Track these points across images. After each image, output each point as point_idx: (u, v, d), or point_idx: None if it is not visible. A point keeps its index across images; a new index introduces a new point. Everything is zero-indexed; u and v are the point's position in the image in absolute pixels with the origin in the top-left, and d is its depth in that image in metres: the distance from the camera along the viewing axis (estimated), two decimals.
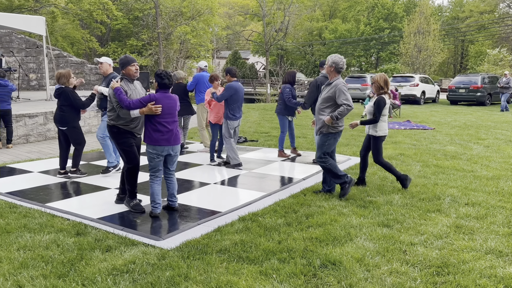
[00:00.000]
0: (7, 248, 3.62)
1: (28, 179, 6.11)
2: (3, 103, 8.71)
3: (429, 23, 27.87)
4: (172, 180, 4.62)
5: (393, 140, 9.71)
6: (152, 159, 4.41)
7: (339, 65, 5.07)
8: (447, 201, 5.02)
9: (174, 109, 4.42)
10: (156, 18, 31.85)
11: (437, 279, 3.12)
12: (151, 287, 2.96)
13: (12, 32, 18.59)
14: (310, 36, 56.03)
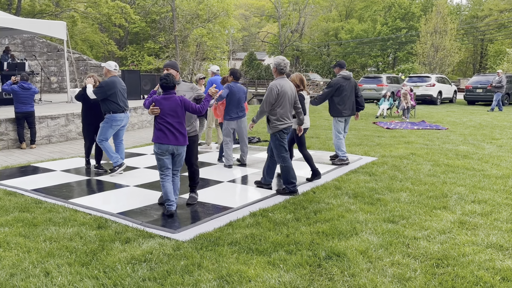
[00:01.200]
0: (34, 239, 3.91)
1: (51, 177, 6.44)
2: (26, 105, 9.12)
3: (446, 23, 27.64)
4: (174, 179, 4.83)
5: (406, 140, 9.79)
6: (158, 158, 4.64)
7: (280, 66, 5.43)
8: (454, 199, 5.14)
9: (176, 109, 4.56)
10: (173, 21, 32.37)
11: (436, 270, 3.27)
12: (167, 274, 3.20)
13: (34, 37, 19.25)
14: (326, 37, 55.96)
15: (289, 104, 5.47)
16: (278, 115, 5.39)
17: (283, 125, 5.42)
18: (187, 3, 33.08)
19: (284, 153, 5.48)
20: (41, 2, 29.59)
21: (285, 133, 5.49)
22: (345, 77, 7.27)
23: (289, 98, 5.46)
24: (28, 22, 13.25)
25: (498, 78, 17.86)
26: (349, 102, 7.29)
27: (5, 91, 9.40)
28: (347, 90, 7.22)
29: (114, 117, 6.43)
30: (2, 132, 9.07)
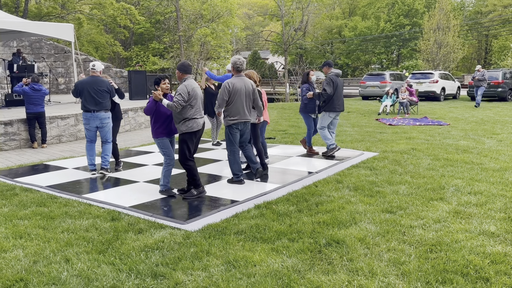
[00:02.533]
0: (53, 231, 4.17)
1: (64, 174, 6.72)
2: (37, 106, 9.41)
3: (449, 19, 27.68)
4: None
5: (407, 136, 9.98)
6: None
7: (236, 64, 5.91)
8: (450, 191, 5.35)
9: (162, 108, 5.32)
10: (177, 21, 32.66)
11: (429, 255, 3.49)
12: (178, 260, 3.44)
13: (41, 39, 19.58)
14: (330, 35, 56.03)
15: (242, 100, 5.85)
16: (229, 111, 5.84)
17: (233, 121, 5.85)
18: (191, 3, 33.35)
19: (232, 147, 5.94)
20: (47, 4, 29.99)
21: (235, 129, 5.90)
22: (337, 75, 7.77)
23: (243, 94, 5.86)
24: (37, 24, 13.55)
25: (480, 73, 18.04)
26: (341, 99, 7.78)
27: (17, 92, 9.70)
28: (339, 87, 7.67)
29: (83, 115, 6.69)
30: (14, 132, 9.37)
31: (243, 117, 5.90)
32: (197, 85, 5.32)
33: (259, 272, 3.23)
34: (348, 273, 3.22)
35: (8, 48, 18.77)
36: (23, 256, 3.59)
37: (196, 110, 5.20)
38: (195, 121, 5.20)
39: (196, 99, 5.19)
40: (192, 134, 5.22)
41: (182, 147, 5.21)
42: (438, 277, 3.13)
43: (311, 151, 8.21)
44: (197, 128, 5.23)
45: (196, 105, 5.20)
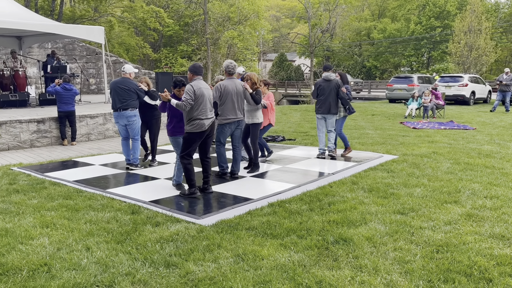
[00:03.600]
0: (76, 222, 4.44)
1: (90, 170, 7.06)
2: (68, 105, 9.86)
3: (480, 21, 26.99)
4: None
5: (430, 140, 9.89)
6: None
7: (228, 68, 6.27)
8: (466, 194, 5.33)
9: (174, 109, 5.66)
10: (205, 24, 33.18)
11: (435, 255, 3.54)
12: (191, 252, 3.63)
13: (74, 41, 20.36)
14: (358, 36, 55.50)
15: (233, 101, 6.20)
16: (222, 111, 6.19)
17: (225, 121, 6.22)
18: (218, 6, 33.83)
19: (218, 142, 6.46)
20: (80, 7, 31.09)
21: (227, 128, 6.32)
22: (325, 79, 7.80)
23: (235, 95, 6.21)
24: (70, 27, 14.15)
25: (507, 77, 16.88)
26: (326, 102, 7.74)
27: (49, 92, 10.20)
28: (325, 91, 7.70)
29: (113, 114, 7.19)
30: (46, 129, 9.85)
31: (234, 116, 6.27)
32: (206, 86, 5.43)
33: (266, 265, 3.37)
34: (352, 269, 3.32)
35: (43, 50, 19.61)
36: (48, 243, 3.86)
37: (201, 111, 5.27)
38: (199, 122, 5.26)
39: (202, 100, 5.28)
40: (195, 134, 5.29)
41: (184, 145, 5.38)
42: (440, 276, 3.18)
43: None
44: (201, 129, 5.28)
45: (202, 105, 5.27)
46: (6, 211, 4.83)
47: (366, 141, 9.84)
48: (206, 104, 5.33)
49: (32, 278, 3.19)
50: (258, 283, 3.09)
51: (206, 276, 3.20)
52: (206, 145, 5.59)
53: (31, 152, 9.00)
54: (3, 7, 12.53)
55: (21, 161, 7.88)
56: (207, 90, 5.42)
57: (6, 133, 9.19)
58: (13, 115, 10.13)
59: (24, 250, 3.70)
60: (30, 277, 3.22)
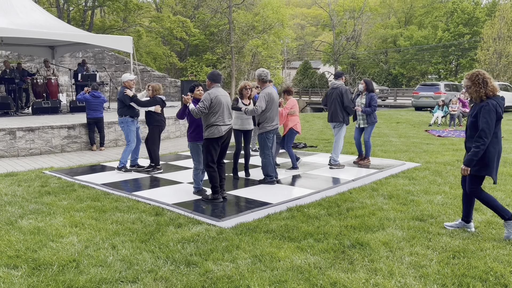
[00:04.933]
0: (103, 222, 4.66)
1: (117, 174, 7.33)
2: (96, 112, 10.24)
3: (510, 28, 26.40)
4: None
5: (454, 148, 9.76)
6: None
7: (261, 76, 6.37)
8: None
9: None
10: (230, 33, 33.68)
11: (451, 261, 3.56)
12: (210, 252, 3.77)
13: (104, 50, 21.08)
14: (384, 44, 54.98)
15: (276, 108, 6.49)
16: (267, 118, 6.36)
17: (271, 127, 6.44)
18: (243, 15, 34.31)
19: (266, 152, 6.49)
20: (110, 18, 32.14)
21: (270, 134, 6.47)
22: (332, 87, 7.76)
23: (276, 102, 6.49)
24: (100, 37, 14.70)
25: None
26: (330, 110, 7.71)
27: (79, 100, 10.64)
28: (330, 98, 7.68)
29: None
30: (76, 135, 10.26)
31: (277, 123, 6.49)
32: (224, 93, 5.57)
33: (282, 267, 3.47)
34: (367, 272, 3.39)
35: (74, 59, 20.40)
36: (76, 241, 4.08)
37: (219, 117, 5.39)
38: (217, 127, 5.38)
39: (220, 107, 5.41)
40: (213, 140, 5.40)
41: (205, 152, 5.53)
42: (455, 280, 3.21)
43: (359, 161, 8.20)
44: (218, 134, 5.38)
45: (219, 112, 5.38)
46: (38, 211, 5.11)
47: (389, 148, 9.80)
48: (223, 111, 5.46)
49: (62, 273, 3.40)
50: (274, 283, 3.20)
51: (224, 275, 3.33)
52: (224, 151, 5.67)
53: (62, 156, 9.40)
54: (38, 19, 13.17)
55: (52, 165, 8.25)
56: (225, 97, 5.55)
57: (39, 138, 9.63)
58: (45, 121, 10.59)
59: (55, 247, 3.93)
60: (60, 271, 3.43)
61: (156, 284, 3.21)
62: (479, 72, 4.12)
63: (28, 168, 7.96)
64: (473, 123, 4.13)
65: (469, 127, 4.23)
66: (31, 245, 3.98)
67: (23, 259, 3.67)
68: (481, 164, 4.05)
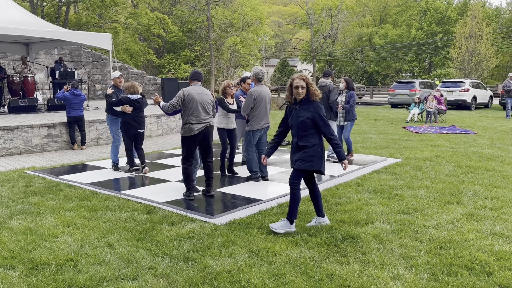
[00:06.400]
0: (96, 221, 4.66)
1: (103, 173, 7.28)
2: (77, 110, 10.10)
3: (481, 27, 27.27)
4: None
5: (432, 144, 10.09)
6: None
7: (258, 75, 6.49)
8: (468, 195, 5.53)
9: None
10: (208, 30, 33.54)
11: (439, 251, 3.75)
12: (207, 248, 3.84)
13: (80, 47, 20.67)
14: (360, 42, 55.89)
15: (265, 107, 6.51)
16: (254, 117, 6.43)
17: (258, 126, 6.51)
18: (222, 13, 34.21)
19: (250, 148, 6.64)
20: (85, 14, 31.48)
21: (257, 133, 6.55)
22: (320, 85, 7.99)
23: (266, 101, 6.53)
24: (78, 34, 14.45)
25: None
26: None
27: (58, 98, 10.46)
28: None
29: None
30: (56, 134, 10.09)
31: (266, 122, 6.55)
32: (201, 91, 5.50)
33: (279, 260, 3.58)
34: (360, 264, 3.53)
35: (49, 56, 19.93)
36: (71, 241, 4.07)
37: (192, 115, 5.38)
38: (190, 126, 5.38)
39: (193, 104, 5.38)
40: (188, 138, 5.44)
41: (182, 148, 5.64)
42: (444, 269, 3.39)
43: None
44: (191, 133, 5.39)
45: (192, 110, 5.37)
46: (26, 211, 5.05)
47: (370, 145, 10.05)
48: (197, 109, 5.40)
49: (61, 272, 3.40)
50: (273, 276, 3.30)
51: (224, 270, 3.41)
52: (207, 148, 5.65)
53: (43, 156, 9.23)
54: (13, 15, 12.83)
55: (34, 165, 8.11)
56: (201, 95, 5.48)
57: (18, 138, 9.43)
58: (24, 120, 10.37)
59: (50, 247, 3.91)
60: (59, 271, 3.43)
61: (157, 281, 3.26)
62: None
63: (9, 168, 7.81)
64: None
65: None
66: (25, 245, 3.95)
67: (19, 259, 3.64)
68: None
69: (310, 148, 4.19)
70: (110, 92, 7.35)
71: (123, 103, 7.06)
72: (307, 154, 4.19)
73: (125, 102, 7.05)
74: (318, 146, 4.23)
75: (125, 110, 7.02)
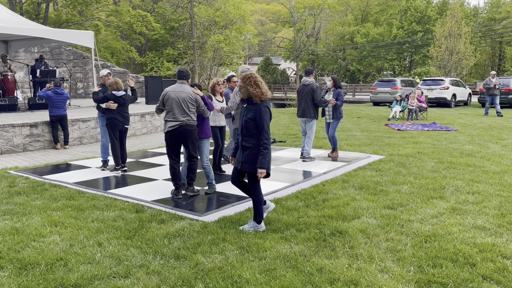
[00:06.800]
0: (84, 220, 4.63)
1: (88, 172, 7.21)
2: (60, 109, 9.96)
3: (460, 26, 27.85)
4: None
5: (414, 141, 10.30)
6: (208, 150, 5.70)
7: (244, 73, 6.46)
8: (450, 190, 5.69)
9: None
10: (192, 28, 33.36)
11: (424, 245, 3.86)
12: (198, 245, 3.87)
13: (61, 45, 20.34)
14: (342, 41, 56.37)
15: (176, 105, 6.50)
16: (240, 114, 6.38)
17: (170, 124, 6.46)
18: (205, 11, 34.07)
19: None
20: (65, 11, 30.94)
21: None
22: (303, 83, 8.04)
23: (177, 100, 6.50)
24: (60, 32, 14.21)
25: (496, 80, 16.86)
26: (301, 106, 7.97)
27: (41, 97, 10.29)
28: (301, 95, 7.97)
29: None
30: (39, 133, 9.93)
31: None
32: (180, 89, 5.48)
33: (270, 256, 3.63)
34: (349, 258, 3.61)
35: (29, 54, 19.55)
36: (60, 240, 4.04)
37: (168, 114, 5.47)
38: (166, 123, 5.48)
39: (169, 102, 5.43)
40: (166, 134, 5.51)
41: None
42: (429, 262, 3.49)
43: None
44: (165, 130, 5.49)
45: (169, 108, 5.44)
46: (12, 211, 4.99)
47: (354, 142, 10.20)
48: (172, 107, 5.41)
49: (51, 271, 3.39)
50: (264, 271, 3.35)
51: (215, 266, 3.44)
52: (188, 147, 5.64)
53: (25, 156, 9.09)
54: None
55: (16, 165, 7.98)
56: (178, 93, 5.44)
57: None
58: (5, 119, 10.17)
59: (38, 246, 3.88)
60: (49, 270, 3.41)
61: (149, 278, 3.27)
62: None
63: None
64: None
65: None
66: (12, 245, 3.91)
67: (7, 259, 3.61)
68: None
69: (253, 150, 4.13)
70: (97, 90, 7.31)
71: (108, 100, 7.04)
72: (251, 156, 4.13)
73: (110, 98, 7.04)
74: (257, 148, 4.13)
75: (110, 106, 7.02)
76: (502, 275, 3.27)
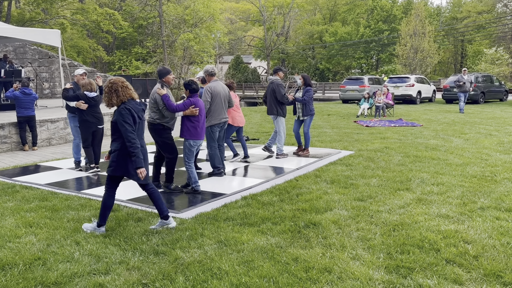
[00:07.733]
0: (59, 220, 4.61)
1: (59, 173, 7.12)
2: (28, 110, 9.73)
3: (424, 25, 28.81)
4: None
5: (382, 136, 10.66)
6: (191, 151, 5.69)
7: (209, 71, 6.77)
8: (416, 182, 5.98)
9: (203, 110, 5.75)
10: (161, 26, 33.00)
11: (392, 233, 4.08)
12: (176, 241, 3.95)
13: (25, 44, 19.72)
14: (311, 40, 57.09)
15: (222, 102, 6.61)
16: (211, 112, 6.51)
17: (216, 121, 6.56)
18: (174, 9, 33.78)
19: (212, 142, 6.66)
20: (28, 9, 29.98)
21: (215, 128, 6.60)
22: (269, 81, 8.28)
23: (222, 96, 6.63)
24: (24, 30, 13.83)
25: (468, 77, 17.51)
26: (267, 104, 8.22)
27: (8, 97, 10.01)
28: (267, 93, 8.24)
29: None
30: (5, 135, 9.68)
31: (224, 116, 6.69)
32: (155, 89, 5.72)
33: (247, 248, 3.76)
34: (322, 247, 3.78)
35: None
36: (36, 240, 4.03)
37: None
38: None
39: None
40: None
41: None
42: (398, 249, 3.71)
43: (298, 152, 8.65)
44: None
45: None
46: None
47: (325, 139, 10.46)
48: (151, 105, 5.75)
49: (30, 271, 3.39)
50: (243, 263, 3.47)
51: (194, 260, 3.54)
52: (157, 144, 5.92)
53: None
54: None
55: None
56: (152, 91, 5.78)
57: None
58: None
59: (14, 247, 3.86)
60: (27, 270, 3.41)
61: (130, 273, 3.33)
62: None
63: None
64: None
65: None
66: None
67: None
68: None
69: (113, 152, 4.16)
70: (68, 87, 7.20)
71: (79, 99, 6.95)
72: (111, 159, 4.19)
73: (81, 98, 6.94)
74: (121, 151, 4.13)
75: (80, 106, 6.91)
76: (464, 258, 3.52)
